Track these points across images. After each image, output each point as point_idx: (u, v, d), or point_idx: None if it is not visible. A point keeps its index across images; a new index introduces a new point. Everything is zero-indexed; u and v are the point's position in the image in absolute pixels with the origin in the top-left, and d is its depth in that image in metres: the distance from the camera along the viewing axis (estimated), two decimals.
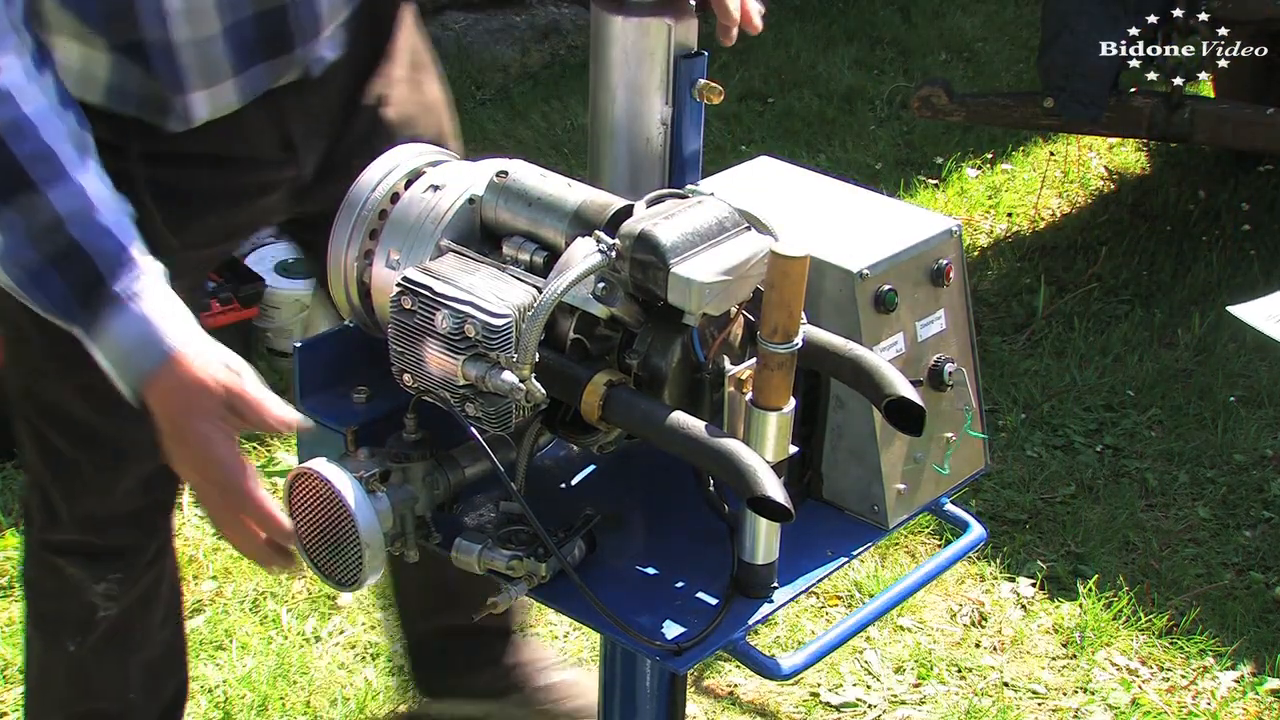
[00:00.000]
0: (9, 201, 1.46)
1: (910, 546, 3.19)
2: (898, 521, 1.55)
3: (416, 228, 1.49)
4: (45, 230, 1.47)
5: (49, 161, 1.47)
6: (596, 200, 1.45)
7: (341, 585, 1.45)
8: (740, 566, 1.44)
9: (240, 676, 2.78)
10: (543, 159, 3.63)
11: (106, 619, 2.09)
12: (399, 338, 1.42)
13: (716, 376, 1.40)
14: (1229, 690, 2.85)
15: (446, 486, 1.48)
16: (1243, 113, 4.07)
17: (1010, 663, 2.92)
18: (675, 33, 1.55)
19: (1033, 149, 5.03)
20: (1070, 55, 3.94)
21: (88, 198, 1.49)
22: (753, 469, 1.28)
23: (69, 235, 1.47)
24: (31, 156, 1.46)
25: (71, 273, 1.48)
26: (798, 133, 5.12)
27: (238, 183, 1.88)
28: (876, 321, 1.50)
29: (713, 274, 1.33)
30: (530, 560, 1.43)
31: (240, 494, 1.47)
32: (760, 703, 2.81)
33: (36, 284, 1.49)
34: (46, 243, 1.47)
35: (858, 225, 1.58)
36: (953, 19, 6.06)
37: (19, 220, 1.47)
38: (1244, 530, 3.29)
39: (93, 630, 2.10)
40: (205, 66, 1.73)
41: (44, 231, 1.47)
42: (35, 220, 1.47)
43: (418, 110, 2.03)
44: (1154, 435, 3.61)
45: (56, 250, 1.48)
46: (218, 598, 2.99)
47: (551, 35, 5.72)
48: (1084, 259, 4.30)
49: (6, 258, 1.48)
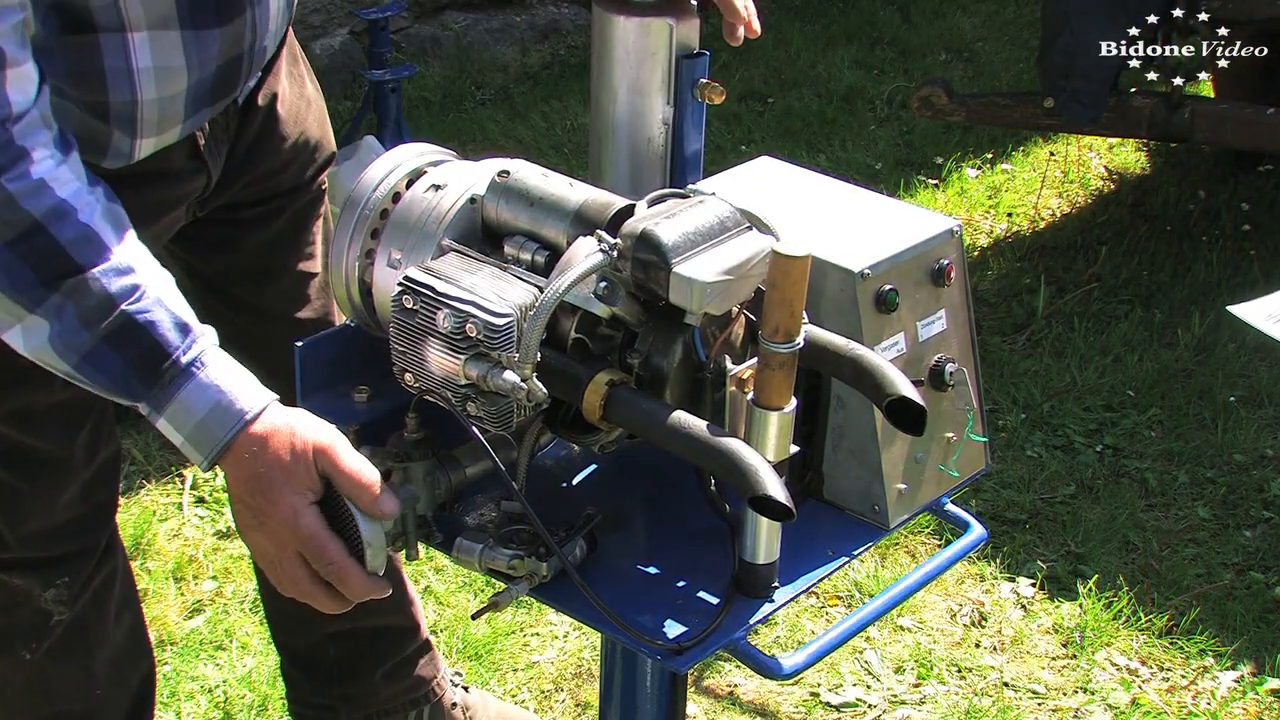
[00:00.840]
0: (57, 287, 1.44)
1: (910, 546, 3.19)
2: (898, 521, 1.55)
3: (418, 227, 1.49)
4: (97, 311, 1.45)
5: (91, 242, 1.46)
6: (598, 200, 1.45)
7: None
8: (741, 566, 1.44)
9: (240, 676, 2.78)
10: (543, 159, 3.63)
11: (61, 623, 2.06)
12: (400, 337, 1.42)
13: (718, 376, 1.40)
14: (1229, 690, 2.85)
15: (448, 486, 1.48)
16: (1243, 113, 4.07)
17: (1010, 663, 2.92)
18: (677, 33, 1.55)
19: (1033, 149, 5.03)
20: (1070, 55, 3.94)
21: (135, 273, 1.47)
22: (754, 468, 1.28)
23: (123, 313, 1.45)
24: (74, 241, 1.45)
25: (130, 350, 1.45)
26: (798, 133, 5.12)
27: (153, 199, 1.85)
28: (877, 321, 1.50)
29: (714, 273, 1.33)
30: (531, 560, 1.43)
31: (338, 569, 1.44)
32: (760, 702, 2.81)
33: (94, 365, 1.46)
34: (99, 323, 1.45)
35: (858, 225, 1.58)
36: (953, 19, 6.06)
37: (69, 305, 1.45)
38: (1244, 530, 3.29)
39: (47, 635, 2.06)
40: (162, 119, 1.72)
41: (96, 312, 1.45)
42: (85, 303, 1.45)
43: (302, 104, 2.03)
44: (1154, 435, 3.61)
45: (111, 329, 1.45)
46: (218, 598, 2.99)
47: (551, 35, 5.72)
48: (1084, 259, 4.30)
49: (59, 342, 1.46)
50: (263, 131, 1.95)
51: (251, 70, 1.81)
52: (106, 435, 1.99)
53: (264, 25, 1.75)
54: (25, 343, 1.47)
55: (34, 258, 1.44)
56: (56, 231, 1.44)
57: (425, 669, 2.43)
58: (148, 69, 1.65)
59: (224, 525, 3.17)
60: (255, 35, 1.74)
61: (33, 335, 1.46)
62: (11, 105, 1.43)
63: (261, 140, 1.94)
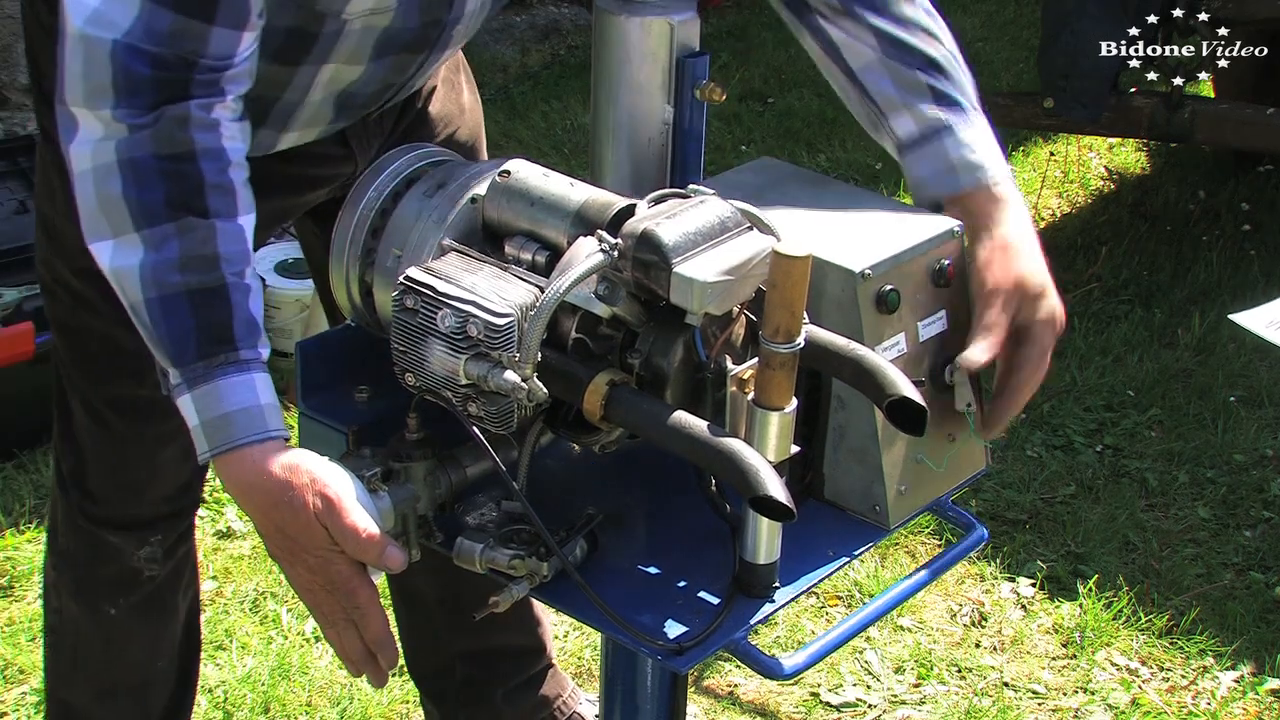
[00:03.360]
0: (176, 218, 1.41)
1: (910, 546, 3.19)
2: (899, 521, 1.55)
3: (419, 227, 1.49)
4: (200, 261, 1.41)
5: (229, 197, 1.44)
6: (599, 200, 1.45)
7: None
8: (742, 566, 1.44)
9: (240, 676, 2.78)
10: (543, 159, 3.62)
11: (150, 579, 2.10)
12: (401, 337, 1.42)
13: (718, 376, 1.40)
14: (1229, 690, 2.86)
15: (448, 486, 1.48)
16: (1243, 113, 4.07)
17: (1010, 663, 2.92)
18: (677, 32, 1.55)
19: (1033, 149, 5.04)
20: (1070, 55, 3.94)
21: (247, 246, 1.45)
22: (755, 468, 1.28)
23: (220, 276, 1.42)
24: (216, 186, 1.43)
25: (206, 314, 1.41)
26: (798, 133, 5.12)
27: (301, 173, 1.89)
28: (878, 321, 1.50)
29: (715, 274, 1.33)
30: (532, 559, 1.43)
31: (363, 613, 1.44)
32: (760, 703, 2.81)
33: (166, 310, 1.42)
34: (195, 274, 1.41)
35: (859, 225, 1.58)
36: (953, 19, 6.02)
37: (176, 241, 1.41)
38: (1244, 530, 3.29)
39: (134, 592, 2.11)
40: (311, 118, 1.76)
41: (198, 261, 1.41)
42: (193, 248, 1.41)
43: (454, 109, 2.06)
44: (1154, 435, 3.61)
45: (202, 286, 1.41)
46: (218, 598, 2.99)
47: (551, 35, 5.73)
48: (1084, 259, 4.30)
49: (148, 271, 1.42)
50: (411, 128, 1.97)
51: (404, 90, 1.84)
52: None
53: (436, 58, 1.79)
54: (112, 259, 1.43)
55: (174, 180, 1.42)
56: (206, 168, 1.43)
57: (549, 688, 2.45)
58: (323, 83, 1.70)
59: (224, 525, 3.18)
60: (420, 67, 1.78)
61: (123, 254, 1.42)
62: (235, 55, 1.45)
63: (409, 136, 1.95)
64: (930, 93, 1.64)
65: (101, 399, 1.98)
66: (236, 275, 1.43)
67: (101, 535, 2.08)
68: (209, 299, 1.42)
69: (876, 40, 1.65)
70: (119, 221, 1.42)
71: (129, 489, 2.05)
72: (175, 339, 1.43)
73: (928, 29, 1.66)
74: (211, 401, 1.43)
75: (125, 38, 1.41)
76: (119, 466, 2.03)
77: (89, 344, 1.94)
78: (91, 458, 2.04)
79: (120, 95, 1.41)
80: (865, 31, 1.65)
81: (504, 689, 2.39)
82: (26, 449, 3.35)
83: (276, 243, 3.81)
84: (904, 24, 1.65)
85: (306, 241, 2.21)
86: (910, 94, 1.64)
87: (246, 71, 1.49)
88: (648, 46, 1.55)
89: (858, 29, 1.66)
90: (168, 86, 1.42)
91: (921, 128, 1.64)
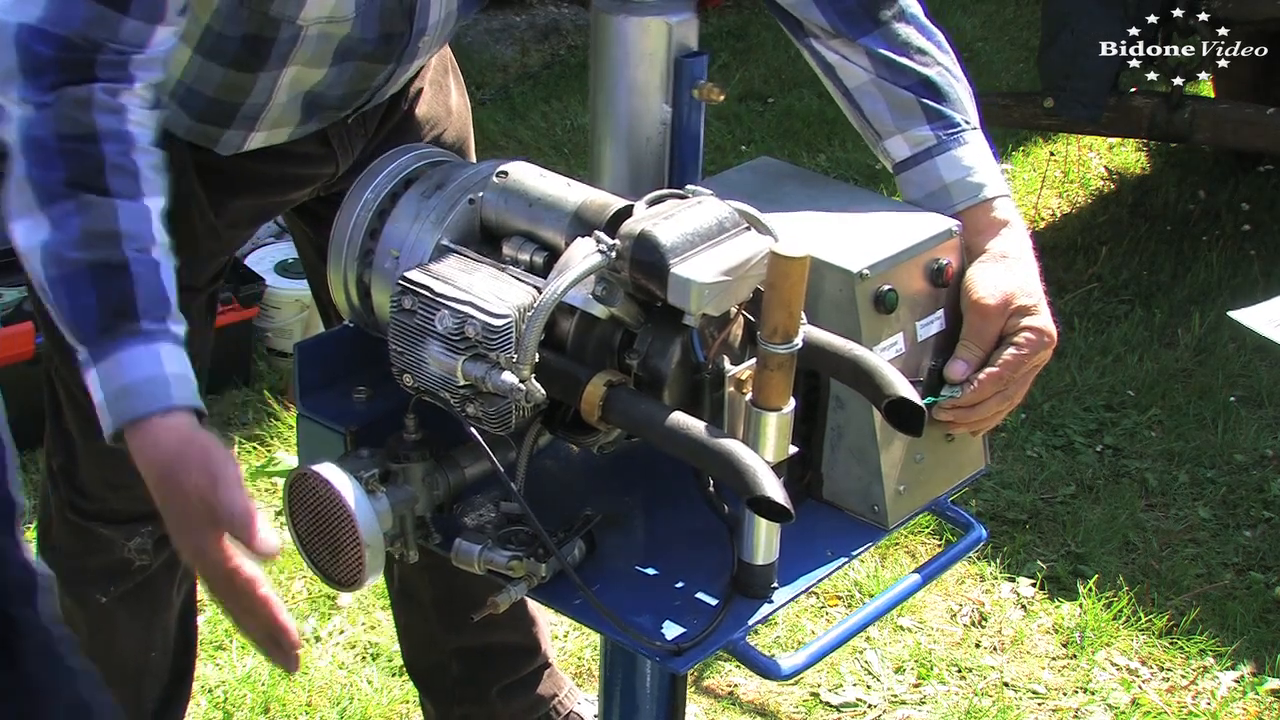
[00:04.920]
0: (75, 195, 1.41)
1: (910, 546, 3.19)
2: (898, 521, 1.55)
3: (416, 228, 1.49)
4: (99, 237, 1.42)
5: (131, 177, 1.44)
6: (596, 200, 1.45)
7: (341, 586, 1.45)
8: (740, 567, 1.44)
9: (240, 677, 2.78)
10: (543, 159, 3.62)
11: (140, 570, 2.11)
12: (399, 338, 1.42)
13: (716, 377, 1.40)
14: (1229, 690, 2.85)
15: (446, 487, 1.48)
16: (1243, 113, 4.06)
17: (1010, 663, 2.92)
18: (676, 32, 1.55)
19: (1033, 149, 5.03)
20: (1070, 55, 3.94)
21: (151, 227, 1.44)
22: (752, 469, 1.28)
23: (121, 252, 1.42)
24: (116, 168, 1.43)
25: (107, 289, 1.41)
26: (798, 133, 5.12)
27: (281, 172, 1.91)
28: (876, 322, 1.50)
29: (713, 274, 1.33)
30: (530, 560, 1.43)
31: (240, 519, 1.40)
32: (760, 703, 2.81)
33: (67, 287, 1.42)
34: (95, 250, 1.41)
35: (858, 225, 1.58)
36: (953, 19, 6.05)
37: (76, 219, 1.41)
38: (1244, 530, 3.29)
39: (124, 582, 2.11)
40: (279, 119, 1.78)
41: (97, 238, 1.42)
42: (93, 223, 1.42)
43: (442, 112, 2.07)
44: (1154, 435, 3.61)
45: (101, 261, 1.41)
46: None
47: (551, 35, 5.72)
48: (1084, 259, 4.30)
49: (47, 251, 1.42)
50: (396, 130, 1.98)
51: (378, 96, 1.85)
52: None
53: (404, 68, 1.80)
54: (22, 239, 1.44)
55: (74, 159, 1.43)
56: (108, 150, 1.43)
57: (545, 687, 2.45)
58: (286, 85, 1.73)
59: None
60: (389, 77, 1.79)
61: (31, 233, 1.43)
62: (148, 46, 1.47)
63: (393, 138, 1.96)
64: (924, 113, 1.65)
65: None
66: (140, 251, 1.43)
67: (92, 529, 2.09)
68: (109, 274, 1.41)
69: (869, 62, 1.67)
70: (26, 201, 1.43)
71: (118, 484, 2.05)
72: (77, 315, 1.42)
73: (921, 48, 1.68)
74: (114, 373, 1.41)
75: (33, 21, 1.43)
76: (108, 462, 2.02)
77: None
78: (81, 453, 2.05)
79: (26, 76, 1.43)
80: (858, 53, 1.68)
81: (499, 686, 2.39)
82: (26, 449, 3.35)
83: (276, 243, 3.81)
84: (897, 45, 1.67)
85: (298, 242, 2.22)
86: (903, 115, 1.66)
87: (159, 60, 1.49)
88: (645, 47, 1.55)
89: (851, 51, 1.68)
90: (71, 68, 1.44)
91: (914, 149, 1.66)
